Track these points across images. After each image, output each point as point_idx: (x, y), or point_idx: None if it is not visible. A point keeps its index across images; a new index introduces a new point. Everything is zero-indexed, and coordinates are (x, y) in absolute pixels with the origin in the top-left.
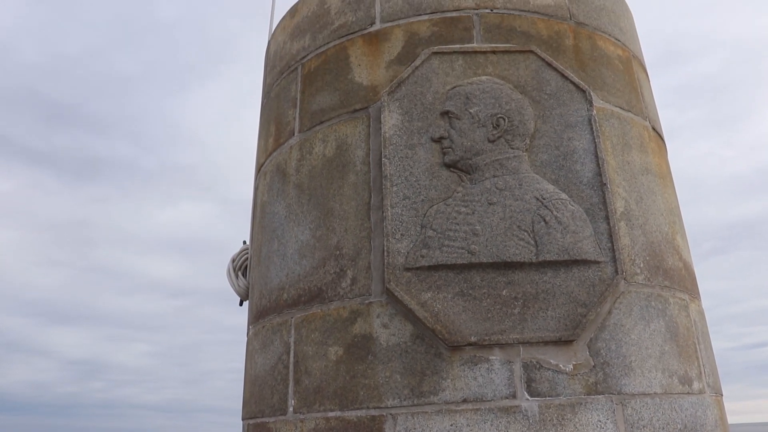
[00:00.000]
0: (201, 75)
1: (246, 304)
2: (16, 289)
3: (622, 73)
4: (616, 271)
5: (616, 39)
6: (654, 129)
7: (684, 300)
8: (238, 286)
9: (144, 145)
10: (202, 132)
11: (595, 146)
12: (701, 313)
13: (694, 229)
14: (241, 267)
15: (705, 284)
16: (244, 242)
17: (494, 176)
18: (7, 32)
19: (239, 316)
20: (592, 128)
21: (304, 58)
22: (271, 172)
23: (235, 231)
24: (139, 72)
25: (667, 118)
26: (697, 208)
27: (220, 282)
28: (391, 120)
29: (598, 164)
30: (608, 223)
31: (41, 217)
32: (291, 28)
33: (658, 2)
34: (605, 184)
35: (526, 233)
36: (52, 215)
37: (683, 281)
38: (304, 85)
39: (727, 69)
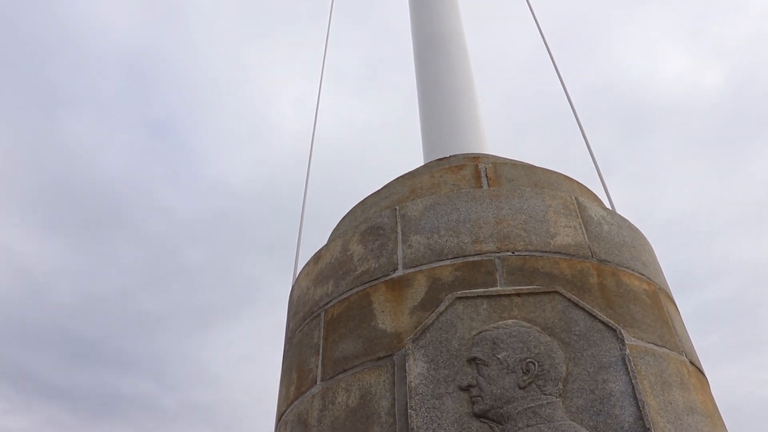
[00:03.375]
0: (223, 316)
1: None
2: None
3: (650, 307)
4: None
5: (641, 273)
6: (692, 363)
7: None
8: None
9: (165, 383)
10: (222, 371)
11: (633, 387)
12: None
13: None
14: None
15: None
16: None
17: (528, 426)
18: (45, 275)
19: None
20: (627, 368)
21: (327, 304)
22: (292, 422)
23: None
24: (164, 312)
25: None
26: None
27: None
28: (416, 368)
29: (638, 407)
30: None
31: None
32: (314, 274)
33: (664, 233)
34: (649, 428)
35: None
36: None
37: None
38: (327, 331)
39: (742, 293)
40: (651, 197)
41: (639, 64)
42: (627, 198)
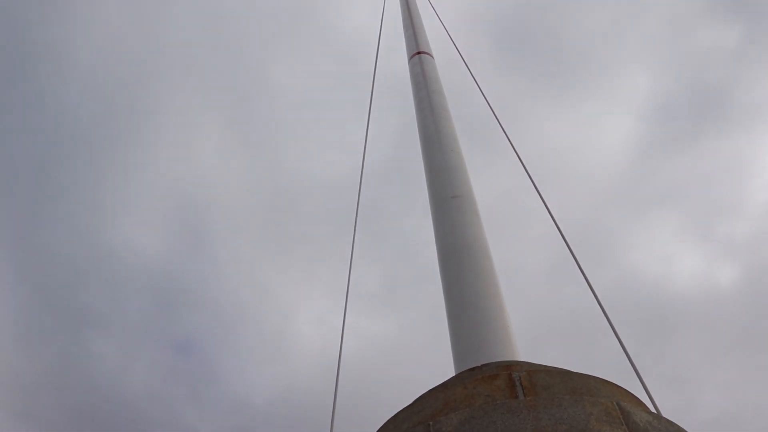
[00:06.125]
0: None
1: None
2: None
3: None
4: None
5: None
6: None
7: None
8: None
9: None
10: None
11: None
12: None
13: None
14: None
15: None
16: None
17: None
18: None
19: None
20: None
21: None
22: None
23: None
24: None
25: None
26: None
27: None
28: None
29: None
30: None
31: None
32: None
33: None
34: None
35: None
36: None
37: None
38: None
39: None
40: (688, 398)
41: (653, 267)
42: (663, 400)
